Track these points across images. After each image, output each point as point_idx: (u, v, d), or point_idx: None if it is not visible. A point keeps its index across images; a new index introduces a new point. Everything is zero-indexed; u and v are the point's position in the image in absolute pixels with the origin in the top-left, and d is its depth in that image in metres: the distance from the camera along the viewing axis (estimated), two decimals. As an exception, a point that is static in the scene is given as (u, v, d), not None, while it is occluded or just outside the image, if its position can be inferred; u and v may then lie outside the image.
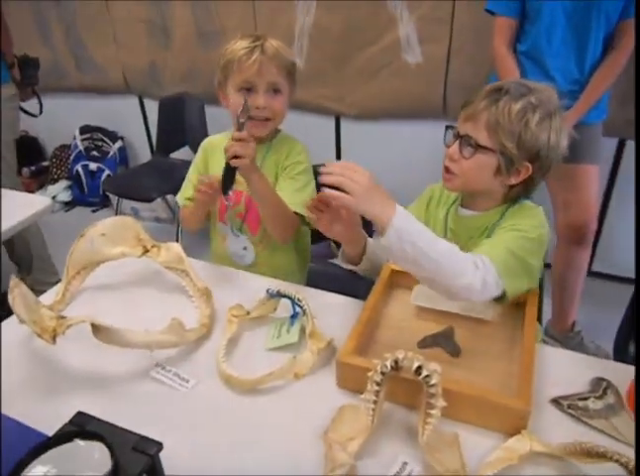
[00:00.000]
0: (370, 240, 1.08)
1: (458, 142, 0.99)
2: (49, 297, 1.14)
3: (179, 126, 2.62)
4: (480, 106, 0.96)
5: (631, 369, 0.91)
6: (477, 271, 0.87)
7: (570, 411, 0.82)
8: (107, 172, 3.15)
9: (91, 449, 0.60)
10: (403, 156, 2.42)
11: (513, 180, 1.00)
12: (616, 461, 0.65)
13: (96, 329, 0.89)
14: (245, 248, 1.32)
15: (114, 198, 3.05)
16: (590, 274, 2.18)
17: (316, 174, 1.36)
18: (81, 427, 0.63)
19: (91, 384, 0.94)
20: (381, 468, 0.76)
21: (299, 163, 1.29)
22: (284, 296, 1.03)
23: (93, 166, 3.15)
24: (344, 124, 2.56)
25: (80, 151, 3.17)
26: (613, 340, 1.32)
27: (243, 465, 0.78)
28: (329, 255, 2.62)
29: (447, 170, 1.02)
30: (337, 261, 1.17)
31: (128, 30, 2.79)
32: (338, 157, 2.63)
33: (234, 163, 1.06)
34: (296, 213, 1.23)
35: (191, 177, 1.35)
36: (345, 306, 1.11)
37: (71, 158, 3.20)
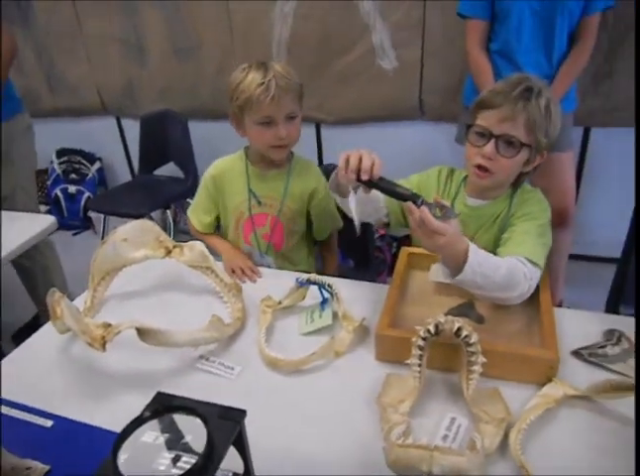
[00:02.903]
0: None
1: (494, 142, 1.03)
2: (76, 304, 1.16)
3: (162, 142, 2.64)
4: (517, 107, 1.00)
5: (632, 321, 1.01)
6: (527, 280, 0.99)
7: (591, 359, 0.91)
8: (87, 194, 3.13)
9: (184, 421, 0.64)
10: (385, 157, 2.51)
11: (529, 168, 1.10)
12: (645, 389, 0.74)
13: (142, 333, 0.92)
14: (269, 266, 1.40)
15: (97, 220, 3.03)
16: (570, 257, 2.31)
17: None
18: (166, 404, 0.67)
19: (139, 382, 0.97)
20: (433, 424, 0.82)
21: (325, 186, 1.35)
22: (314, 283, 1.08)
23: (72, 188, 3.13)
24: (324, 131, 2.65)
25: (58, 174, 3.14)
26: (603, 311, 1.44)
27: (302, 438, 0.83)
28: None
29: (481, 168, 1.07)
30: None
31: (102, 49, 2.81)
32: (320, 162, 2.71)
33: None
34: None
35: (201, 202, 1.43)
36: (362, 291, 1.17)
37: (49, 182, 3.17)
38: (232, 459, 0.69)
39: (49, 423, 0.88)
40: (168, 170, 2.76)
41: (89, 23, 2.76)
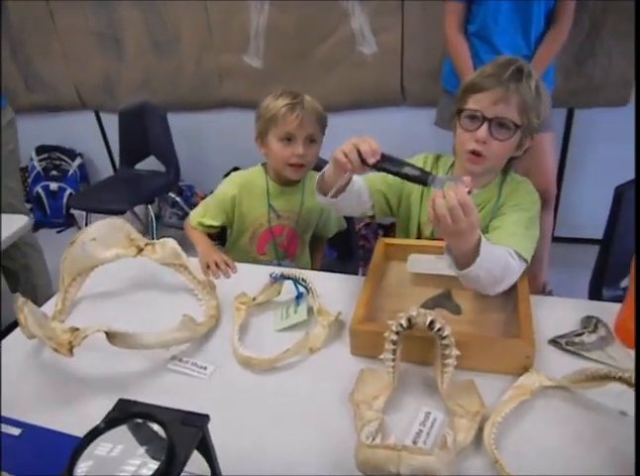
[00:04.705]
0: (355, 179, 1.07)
1: (487, 125, 1.01)
2: (48, 308, 1.14)
3: (142, 136, 2.60)
4: (510, 88, 0.98)
5: (612, 306, 1.00)
6: (514, 274, 0.98)
7: (568, 347, 0.89)
8: (69, 190, 3.08)
9: (144, 428, 0.62)
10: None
11: (519, 153, 1.07)
12: (619, 379, 0.72)
13: (111, 336, 0.90)
14: None
15: (80, 217, 2.99)
16: (554, 239, 2.30)
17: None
18: (126, 412, 0.65)
19: (111, 385, 0.94)
20: (407, 420, 0.81)
21: None
22: (288, 278, 1.06)
23: (54, 186, 3.08)
24: (306, 119, 2.61)
25: (39, 172, 3.09)
26: (586, 293, 1.43)
27: (276, 437, 0.81)
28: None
29: (475, 153, 1.04)
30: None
31: (78, 44, 2.75)
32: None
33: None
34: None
35: (211, 211, 1.42)
36: (340, 283, 1.16)
37: (30, 180, 3.12)
38: (201, 462, 0.68)
39: (17, 432, 0.86)
40: (150, 163, 2.72)
41: (63, 18, 2.70)
